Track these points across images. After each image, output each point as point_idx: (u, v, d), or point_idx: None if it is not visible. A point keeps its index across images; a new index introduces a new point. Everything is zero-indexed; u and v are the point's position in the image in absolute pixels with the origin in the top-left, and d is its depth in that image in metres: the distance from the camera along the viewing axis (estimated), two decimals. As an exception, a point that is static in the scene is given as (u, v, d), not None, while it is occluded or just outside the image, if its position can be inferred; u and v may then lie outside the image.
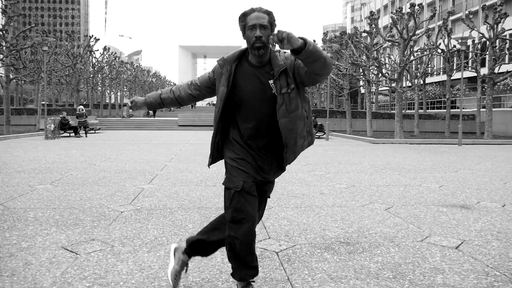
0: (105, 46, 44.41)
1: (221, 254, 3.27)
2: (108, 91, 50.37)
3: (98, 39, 38.84)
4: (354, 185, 6.82)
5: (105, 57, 44.46)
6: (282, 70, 2.34)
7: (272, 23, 2.34)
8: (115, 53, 47.71)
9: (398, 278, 2.84)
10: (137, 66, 63.94)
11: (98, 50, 42.21)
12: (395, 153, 13.40)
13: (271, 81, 2.36)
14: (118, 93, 54.66)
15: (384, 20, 58.38)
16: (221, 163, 2.68)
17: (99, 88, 47.70)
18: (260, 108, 2.39)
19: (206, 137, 22.59)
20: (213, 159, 2.60)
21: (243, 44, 2.61)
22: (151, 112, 51.81)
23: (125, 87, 55.89)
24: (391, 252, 3.40)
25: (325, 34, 35.74)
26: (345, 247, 3.51)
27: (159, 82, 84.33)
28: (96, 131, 26.64)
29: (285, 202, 5.37)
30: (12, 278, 2.76)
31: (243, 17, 2.34)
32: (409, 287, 2.69)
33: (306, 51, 2.06)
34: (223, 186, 2.43)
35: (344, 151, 14.14)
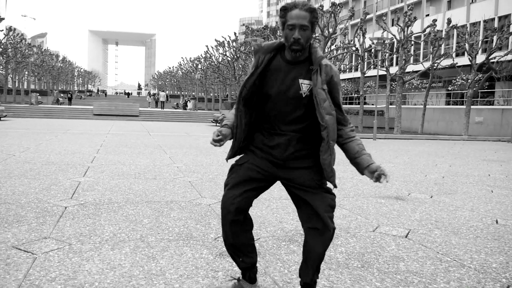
0: (10, 26, 40.50)
1: (190, 250, 3.22)
2: (12, 76, 46.09)
3: (3, 18, 35.30)
4: (293, 178, 7.02)
5: (10, 39, 40.57)
6: (320, 66, 2.19)
7: (313, 22, 2.15)
8: (21, 34, 43.78)
9: (367, 267, 3.01)
10: (44, 50, 59.27)
11: (2, 30, 38.36)
12: (319, 147, 13.98)
13: (302, 81, 2.20)
14: (24, 78, 50.32)
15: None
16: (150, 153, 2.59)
17: (2, 72, 43.48)
18: (283, 108, 2.22)
19: (126, 127, 21.75)
20: (233, 153, 2.37)
21: (158, 32, 2.45)
22: (60, 99, 48.52)
23: (31, 72, 51.54)
24: (351, 243, 3.58)
25: (247, 27, 36.05)
26: (307, 239, 3.63)
27: (69, 68, 79.06)
28: (1, 119, 24.34)
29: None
30: (-34, 284, 2.47)
31: (283, 12, 2.15)
32: (379, 275, 2.87)
33: None
34: (165, 180, 2.37)
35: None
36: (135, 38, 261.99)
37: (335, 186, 2.35)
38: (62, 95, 55.38)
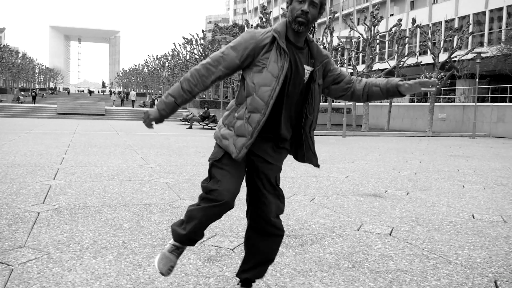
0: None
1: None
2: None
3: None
4: (270, 177, 6.98)
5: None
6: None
7: (323, 3, 2.09)
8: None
9: (358, 267, 3.00)
10: (3, 45, 56.90)
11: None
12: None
13: (307, 67, 2.17)
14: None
15: (274, 12, 60.39)
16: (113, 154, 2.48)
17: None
18: (293, 95, 2.15)
19: (92, 126, 21.15)
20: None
21: (123, 29, 2.36)
22: (21, 97, 46.70)
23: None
24: (338, 243, 3.57)
25: (216, 24, 35.80)
26: (294, 240, 3.59)
27: (30, 65, 76.25)
28: (-43, 118, 23.15)
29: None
30: None
31: None
32: (371, 275, 2.86)
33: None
34: (141, 181, 2.31)
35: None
36: (99, 35, 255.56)
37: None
38: (22, 93, 53.31)
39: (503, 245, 3.65)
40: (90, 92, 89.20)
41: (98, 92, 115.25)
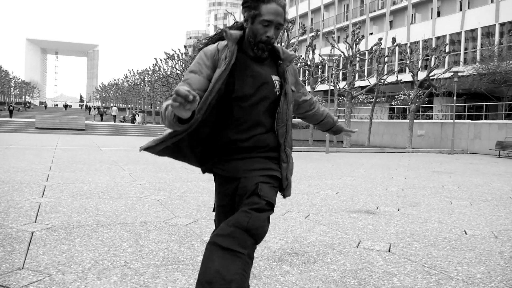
0: None
1: (182, 275, 3.07)
2: None
3: None
4: (262, 194, 6.98)
5: None
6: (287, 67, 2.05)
7: (284, 20, 1.95)
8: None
9: (364, 284, 3.02)
10: (-21, 58, 55.70)
11: None
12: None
13: (275, 77, 2.01)
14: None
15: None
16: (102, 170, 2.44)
17: None
18: (263, 112, 2.00)
19: (73, 142, 20.81)
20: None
21: (101, 43, 2.18)
22: (-3, 112, 45.67)
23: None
24: (340, 260, 3.59)
25: (198, 40, 35.95)
26: (297, 258, 3.59)
27: (5, 78, 74.81)
28: None
29: (207, 214, 5.25)
30: None
31: (256, 3, 1.89)
32: (378, 293, 2.89)
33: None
34: (132, 199, 2.26)
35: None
36: (77, 49, 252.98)
37: (284, 196, 2.18)
38: (-2, 107, 52.10)
39: (499, 260, 3.73)
40: (65, 106, 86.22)
41: (81, 107, 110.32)
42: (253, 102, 1.97)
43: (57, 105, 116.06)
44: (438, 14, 36.02)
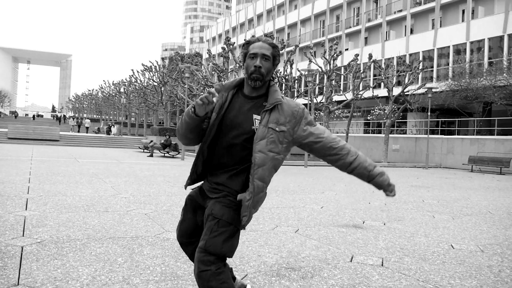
0: None
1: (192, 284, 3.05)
2: None
3: None
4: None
5: None
6: (276, 107, 2.22)
7: (275, 56, 2.27)
8: None
9: (364, 299, 3.07)
10: None
11: None
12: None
13: (256, 116, 2.22)
14: None
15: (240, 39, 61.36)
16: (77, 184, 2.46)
17: None
18: (235, 141, 2.23)
19: (48, 153, 20.32)
20: (192, 181, 2.40)
21: (75, 53, 2.41)
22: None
23: None
24: (336, 275, 3.63)
25: (177, 53, 35.90)
26: (294, 273, 3.62)
27: (-25, 86, 72.44)
28: None
29: (198, 228, 5.21)
30: None
31: (246, 45, 2.27)
32: (379, 307, 2.94)
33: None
34: (119, 212, 2.34)
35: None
36: (49, 58, 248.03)
37: (241, 228, 2.29)
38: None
39: (489, 274, 3.85)
40: (33, 116, 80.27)
41: (53, 117, 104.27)
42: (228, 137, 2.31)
43: (27, 114, 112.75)
44: (412, 32, 37.14)
